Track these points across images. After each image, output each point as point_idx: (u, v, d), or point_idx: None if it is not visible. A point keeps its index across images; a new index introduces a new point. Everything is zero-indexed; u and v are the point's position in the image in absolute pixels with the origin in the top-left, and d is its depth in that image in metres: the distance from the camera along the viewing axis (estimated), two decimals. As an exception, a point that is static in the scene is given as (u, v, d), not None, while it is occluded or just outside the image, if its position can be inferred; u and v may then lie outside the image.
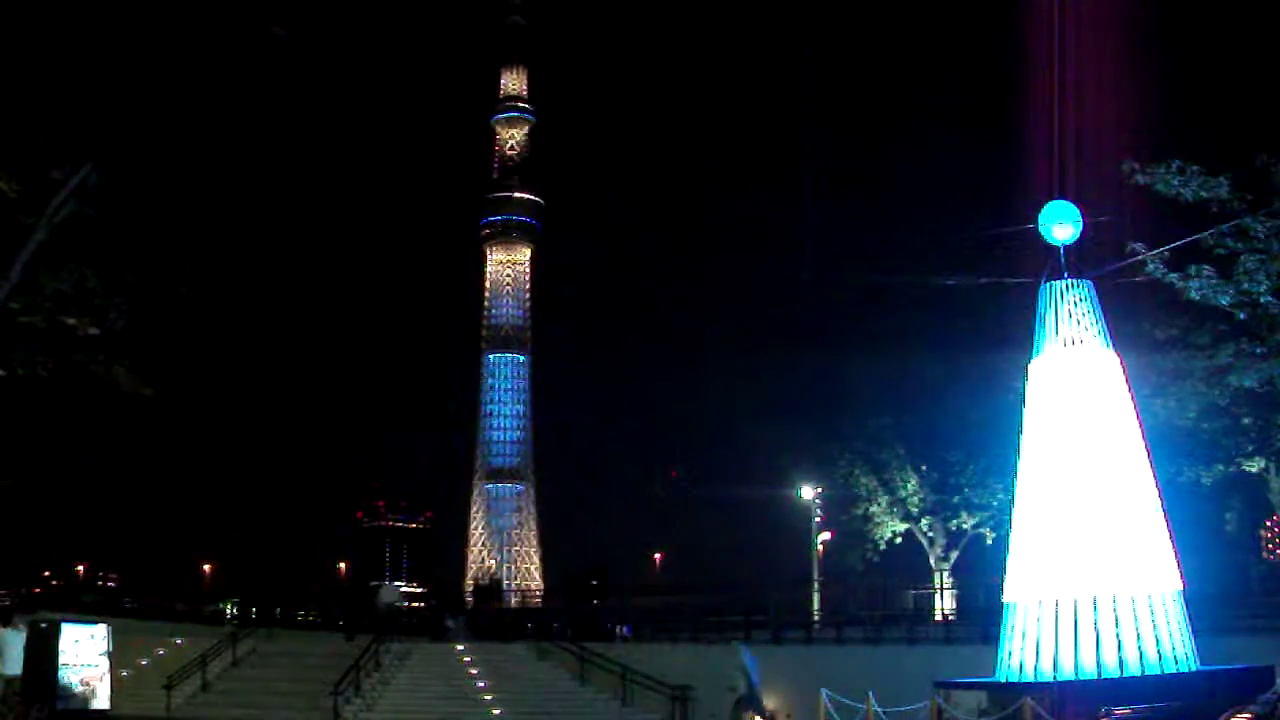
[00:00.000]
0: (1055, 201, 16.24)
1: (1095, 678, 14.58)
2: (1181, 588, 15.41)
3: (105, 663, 23.72)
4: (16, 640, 21.02)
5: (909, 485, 38.55)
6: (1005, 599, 16.07)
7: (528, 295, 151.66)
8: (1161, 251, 18.98)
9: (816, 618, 34.40)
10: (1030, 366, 16.40)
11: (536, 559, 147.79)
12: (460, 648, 33.25)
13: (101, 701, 23.42)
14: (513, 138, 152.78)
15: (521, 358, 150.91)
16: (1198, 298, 19.64)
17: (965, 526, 37.87)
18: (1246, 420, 22.54)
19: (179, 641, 35.40)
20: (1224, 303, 19.58)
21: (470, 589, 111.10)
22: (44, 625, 23.68)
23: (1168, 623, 14.93)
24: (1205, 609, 17.48)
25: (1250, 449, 24.04)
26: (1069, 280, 16.08)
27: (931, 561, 38.68)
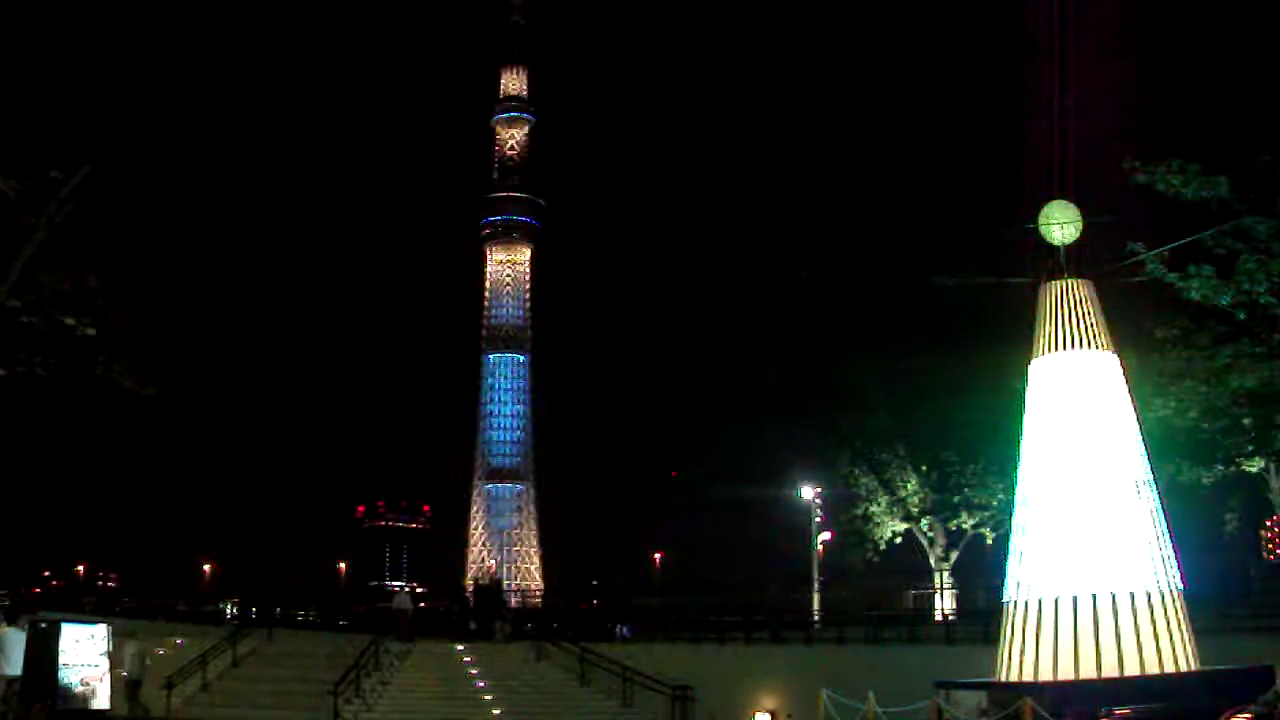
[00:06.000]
0: (1055, 201, 16.23)
1: (1095, 678, 14.58)
2: (1182, 588, 15.41)
3: (105, 663, 23.70)
4: (19, 640, 21.02)
5: (909, 485, 38.50)
6: (1005, 599, 16.07)
7: (528, 295, 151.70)
8: (1161, 251, 18.96)
9: (816, 618, 34.40)
10: (1030, 367, 16.40)
11: (536, 559, 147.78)
12: (460, 648, 33.29)
13: (101, 701, 23.40)
14: (513, 138, 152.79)
15: (521, 358, 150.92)
16: (1198, 298, 19.62)
17: (965, 526, 37.82)
18: (1246, 420, 22.49)
19: (179, 641, 35.44)
20: (1224, 303, 19.55)
21: (470, 588, 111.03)
22: (44, 625, 23.66)
23: (1168, 623, 14.93)
24: (1205, 609, 17.45)
25: (1250, 449, 24.00)
26: (1069, 280, 16.08)
27: (931, 561, 38.65)
